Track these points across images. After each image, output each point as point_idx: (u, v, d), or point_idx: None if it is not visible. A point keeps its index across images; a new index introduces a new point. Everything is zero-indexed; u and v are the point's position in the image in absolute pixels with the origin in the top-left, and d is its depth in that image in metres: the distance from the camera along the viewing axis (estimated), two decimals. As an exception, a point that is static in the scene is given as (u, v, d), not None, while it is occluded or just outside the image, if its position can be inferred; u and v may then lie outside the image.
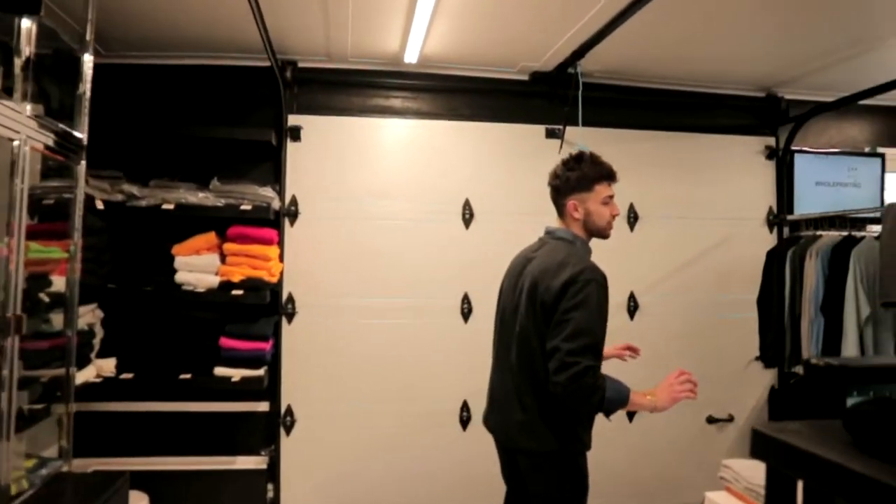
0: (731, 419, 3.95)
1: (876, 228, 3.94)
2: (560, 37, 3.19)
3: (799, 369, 3.45)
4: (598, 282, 2.04)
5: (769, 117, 4.07)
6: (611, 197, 2.21)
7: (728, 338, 3.95)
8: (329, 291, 3.52)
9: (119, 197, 3.07)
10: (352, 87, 3.62)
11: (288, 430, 3.44)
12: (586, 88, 3.48)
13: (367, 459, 3.51)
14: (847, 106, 3.91)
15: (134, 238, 3.33)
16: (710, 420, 3.93)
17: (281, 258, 3.41)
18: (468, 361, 3.64)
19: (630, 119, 3.89)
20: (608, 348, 2.30)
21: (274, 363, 3.39)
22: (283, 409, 3.44)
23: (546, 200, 3.75)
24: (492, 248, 3.69)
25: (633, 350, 2.54)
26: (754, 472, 1.81)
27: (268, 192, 3.26)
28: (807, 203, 4.02)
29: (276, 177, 3.48)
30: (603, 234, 2.24)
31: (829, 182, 4.08)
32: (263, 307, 3.29)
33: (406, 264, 3.61)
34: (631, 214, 3.87)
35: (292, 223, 3.50)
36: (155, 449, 3.31)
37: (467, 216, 3.68)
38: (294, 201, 3.49)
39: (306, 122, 3.52)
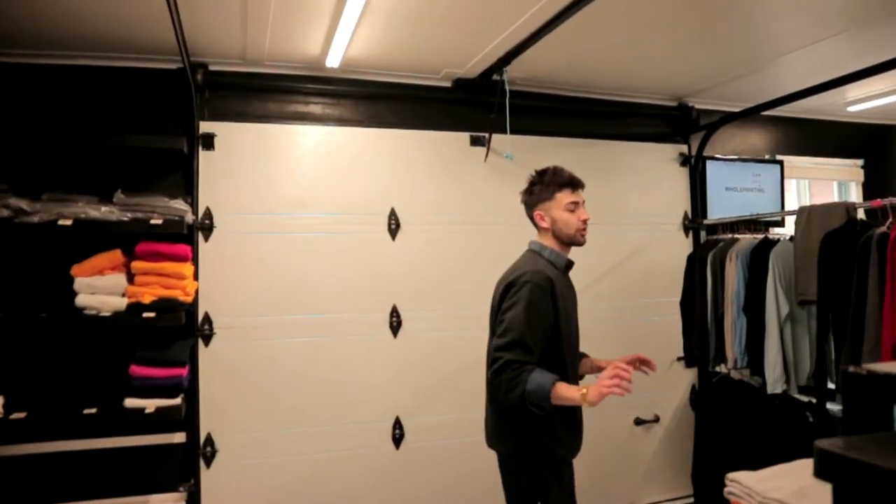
0: (656, 420, 4.03)
1: (779, 231, 4.18)
2: (486, 44, 3.14)
3: (722, 368, 3.57)
4: (535, 282, 2.10)
5: (682, 126, 4.22)
6: (575, 203, 2.23)
7: (651, 340, 4.03)
8: (249, 310, 3.29)
9: (5, 213, 2.72)
10: (269, 93, 3.41)
11: (208, 462, 3.17)
12: (510, 96, 3.46)
13: (296, 488, 3.30)
14: (750, 116, 4.13)
15: (25, 259, 2.96)
16: (638, 422, 4.00)
17: (196, 276, 3.15)
18: (399, 377, 3.52)
19: (553, 127, 3.91)
20: (627, 356, 2.35)
21: (191, 390, 3.12)
22: (202, 439, 3.17)
23: (473, 209, 3.74)
24: (420, 259, 3.60)
25: (646, 363, 2.39)
26: (768, 484, 1.75)
27: (180, 205, 2.99)
28: (718, 208, 4.19)
29: (187, 188, 3.21)
30: (574, 240, 2.26)
31: (737, 187, 4.28)
32: (178, 330, 3.01)
33: (330, 278, 3.43)
34: (556, 221, 3.88)
35: (206, 238, 3.24)
36: (57, 494, 2.94)
37: (393, 226, 3.56)
38: (208, 214, 3.24)
39: (220, 130, 3.28)
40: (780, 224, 4.36)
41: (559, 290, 2.18)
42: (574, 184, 2.25)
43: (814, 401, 3.19)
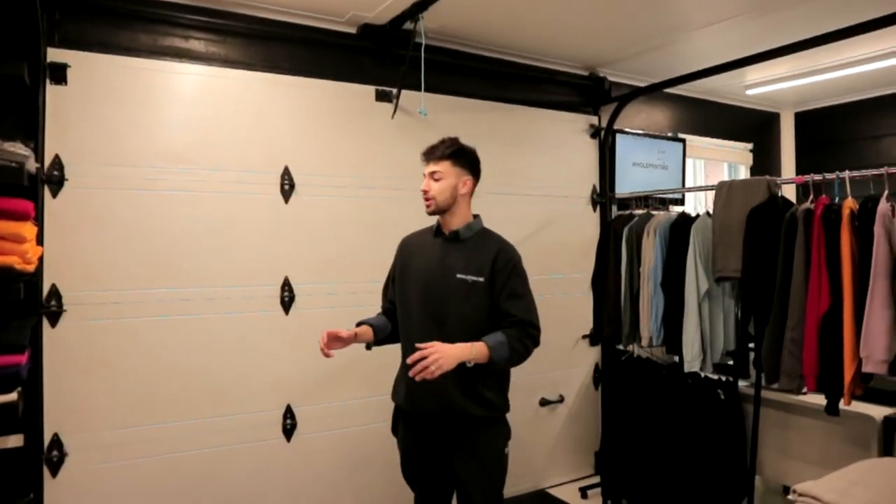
0: (561, 400, 3.90)
1: (678, 209, 4.16)
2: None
3: (633, 347, 3.47)
4: (399, 245, 2.42)
5: (593, 96, 4.08)
6: (425, 175, 2.25)
7: (558, 317, 3.87)
8: (108, 282, 2.72)
9: None
10: (140, 21, 2.81)
11: (54, 470, 2.58)
12: (423, 50, 3.10)
13: (169, 493, 2.80)
14: (656, 93, 4.08)
15: None
16: (543, 402, 3.84)
17: (40, 240, 2.54)
18: (291, 359, 3.10)
19: (466, 87, 3.62)
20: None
21: (32, 381, 2.52)
22: (46, 442, 2.57)
23: (378, 171, 3.35)
24: (316, 225, 3.18)
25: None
26: (850, 492, 1.51)
27: (18, 149, 2.35)
28: (625, 183, 4.10)
29: (29, 130, 2.56)
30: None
31: (643, 163, 4.21)
32: (14, 306, 2.40)
33: (211, 246, 2.93)
34: (467, 190, 3.60)
35: (55, 193, 2.63)
36: None
37: (287, 187, 3.10)
38: (58, 163, 2.62)
39: (76, 60, 2.66)
40: (681, 202, 4.36)
41: (408, 251, 2.35)
42: (423, 157, 2.26)
43: (725, 378, 3.15)
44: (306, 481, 3.11)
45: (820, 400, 2.76)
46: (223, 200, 2.96)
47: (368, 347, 2.36)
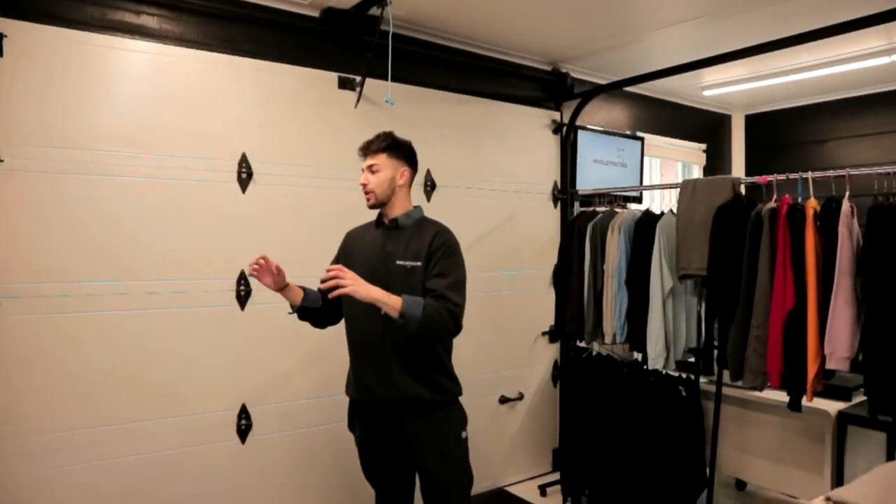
0: (521, 397, 3.87)
1: (635, 207, 4.19)
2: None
3: (594, 344, 3.46)
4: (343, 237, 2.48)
5: (555, 92, 4.06)
6: (363, 169, 2.30)
7: (517, 313, 3.86)
8: (48, 274, 2.51)
9: None
10: (87, -9, 2.62)
11: (-14, 475, 2.38)
12: (387, 37, 2.99)
13: (114, 501, 2.61)
14: (615, 91, 4.10)
15: None
16: (503, 400, 3.80)
17: (-29, 225, 2.33)
18: (246, 357, 2.96)
19: (430, 78, 3.53)
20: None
21: (-39, 380, 2.31)
22: (-22, 446, 2.38)
23: (338, 161, 3.23)
24: (275, 216, 3.05)
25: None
26: (888, 499, 1.47)
27: (-52, 126, 2.16)
28: (586, 180, 4.10)
29: (-41, 105, 2.35)
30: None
31: (603, 160, 4.22)
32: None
33: (162, 236, 2.75)
34: (428, 182, 3.52)
35: (-11, 176, 2.41)
36: None
37: (244, 175, 2.95)
38: (-9, 143, 2.41)
39: (12, 30, 2.43)
40: (639, 200, 4.40)
41: (350, 243, 2.42)
42: (359, 152, 2.32)
43: (686, 376, 3.18)
44: (262, 484, 2.97)
45: (777, 396, 2.81)
46: (176, 188, 2.79)
47: (292, 311, 2.33)
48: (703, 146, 5.10)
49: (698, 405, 3.19)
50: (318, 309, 2.33)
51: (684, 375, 3.22)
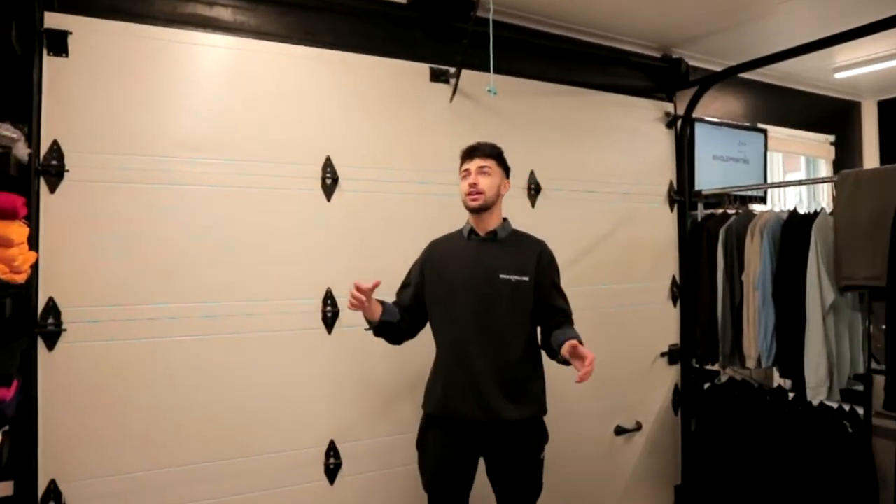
0: (639, 427, 3.37)
1: (760, 208, 3.65)
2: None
3: (731, 370, 2.96)
4: (425, 249, 2.40)
5: (667, 80, 3.58)
6: (467, 171, 2.26)
7: (632, 334, 3.38)
8: (117, 296, 2.24)
9: None
10: (156, -19, 2.36)
11: (52, 527, 2.11)
12: (483, 24, 2.60)
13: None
14: (729, 79, 3.60)
15: None
16: (619, 431, 3.31)
17: (34, 244, 2.07)
18: (335, 387, 2.62)
19: (532, 68, 3.16)
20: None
21: (24, 417, 2.04)
22: (41, 491, 2.09)
23: (431, 162, 2.86)
24: (365, 226, 2.70)
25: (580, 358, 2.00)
26: None
27: (7, 131, 1.90)
28: (704, 179, 3.59)
29: (22, 109, 2.10)
30: (465, 205, 2.28)
31: (723, 156, 3.70)
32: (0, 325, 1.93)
33: (239, 251, 2.45)
34: (532, 186, 3.11)
35: (53, 187, 2.16)
36: None
37: (329, 182, 2.62)
38: (56, 151, 2.16)
39: (77, 27, 2.19)
40: (762, 200, 3.85)
41: (439, 255, 2.32)
42: (467, 153, 2.28)
43: (851, 408, 2.63)
44: (354, 532, 2.61)
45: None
46: (253, 197, 2.48)
47: (369, 328, 2.25)
48: (832, 138, 4.47)
49: (868, 445, 2.63)
50: (396, 323, 2.24)
51: (847, 407, 2.67)
